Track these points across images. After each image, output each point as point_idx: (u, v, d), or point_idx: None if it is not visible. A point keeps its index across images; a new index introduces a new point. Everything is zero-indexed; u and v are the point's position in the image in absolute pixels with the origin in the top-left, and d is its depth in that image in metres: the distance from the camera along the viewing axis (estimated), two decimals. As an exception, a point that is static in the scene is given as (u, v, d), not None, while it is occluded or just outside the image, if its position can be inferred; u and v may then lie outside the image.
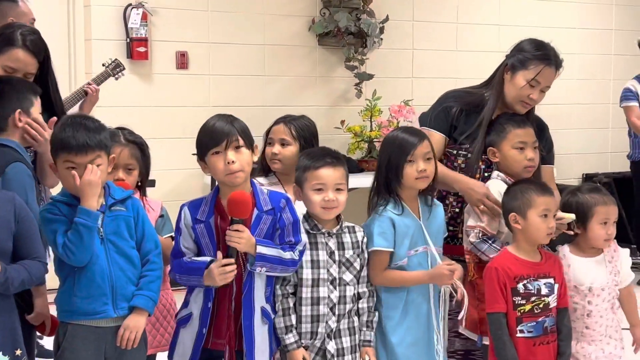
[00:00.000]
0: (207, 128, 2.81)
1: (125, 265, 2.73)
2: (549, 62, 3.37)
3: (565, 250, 3.20)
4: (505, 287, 3.00)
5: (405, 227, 3.01)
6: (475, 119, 3.38)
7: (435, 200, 3.15)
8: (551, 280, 3.06)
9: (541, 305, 3.02)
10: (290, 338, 2.83)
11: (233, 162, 2.73)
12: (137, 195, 3.07)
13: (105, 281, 2.68)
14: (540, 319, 3.02)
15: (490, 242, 3.18)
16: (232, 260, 2.69)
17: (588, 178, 6.97)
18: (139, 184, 3.10)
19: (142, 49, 5.43)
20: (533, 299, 3.01)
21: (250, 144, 2.82)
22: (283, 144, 3.25)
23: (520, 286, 3.01)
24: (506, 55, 3.45)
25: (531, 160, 3.25)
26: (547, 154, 3.46)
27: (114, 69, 4.53)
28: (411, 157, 2.99)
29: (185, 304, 2.83)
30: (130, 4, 5.42)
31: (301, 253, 2.80)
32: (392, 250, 2.99)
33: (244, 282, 2.76)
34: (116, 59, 4.59)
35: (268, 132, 3.33)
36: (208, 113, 5.59)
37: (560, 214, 3.11)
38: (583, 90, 7.25)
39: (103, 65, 4.56)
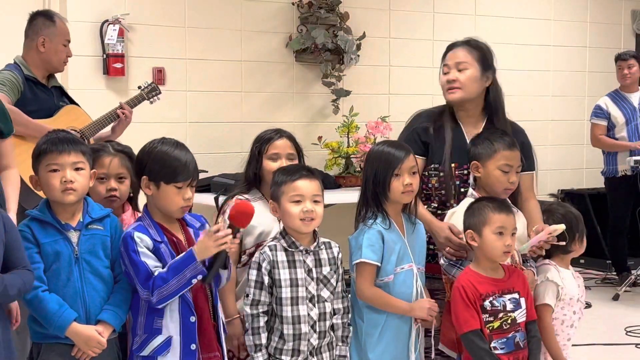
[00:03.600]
0: (172, 157, 2.76)
1: (98, 285, 2.71)
2: (452, 47, 3.44)
3: (551, 263, 3.24)
4: (475, 304, 2.97)
5: (392, 243, 3.01)
6: (442, 137, 3.36)
7: (416, 218, 3.15)
8: (516, 296, 3.05)
9: (509, 321, 3.02)
10: (259, 357, 2.83)
11: (189, 199, 2.77)
12: (128, 209, 3.07)
13: (77, 302, 2.67)
14: (510, 335, 3.02)
15: (458, 265, 3.15)
16: (223, 226, 2.69)
17: (564, 193, 7.03)
18: (131, 195, 3.09)
19: (118, 65, 5.41)
20: (500, 315, 3.01)
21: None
22: (290, 158, 3.23)
23: (487, 303, 2.99)
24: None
25: (512, 183, 3.24)
26: (525, 161, 3.38)
27: (149, 93, 4.51)
28: (398, 171, 3.00)
29: (155, 331, 2.72)
30: (106, 20, 5.41)
31: None
32: (379, 264, 2.98)
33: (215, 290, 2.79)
34: (153, 83, 4.57)
35: (260, 145, 3.24)
36: (185, 129, 5.67)
37: (553, 226, 3.12)
38: (558, 106, 7.33)
39: (139, 87, 4.55)
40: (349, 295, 3.05)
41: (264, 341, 2.83)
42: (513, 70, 6.59)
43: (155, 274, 2.68)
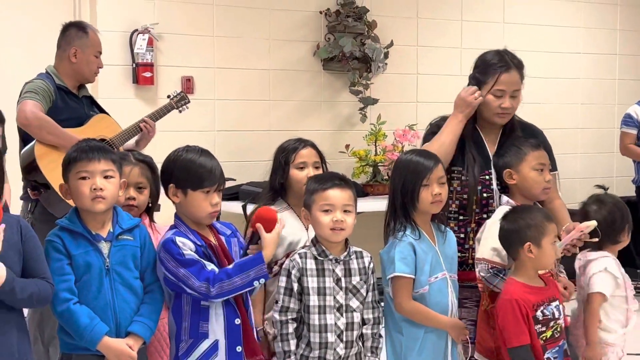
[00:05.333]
0: (197, 164, 2.79)
1: (129, 296, 2.72)
2: (505, 67, 3.32)
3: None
4: (528, 317, 2.93)
5: (423, 253, 2.99)
6: (462, 143, 3.35)
7: (446, 227, 3.14)
8: (557, 302, 3.04)
9: (559, 329, 3.00)
10: None
11: (217, 204, 2.80)
12: (145, 219, 3.08)
13: (108, 313, 2.67)
14: (560, 343, 3.00)
15: (501, 275, 3.11)
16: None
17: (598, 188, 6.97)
18: (149, 205, 3.11)
19: (147, 74, 5.46)
20: (551, 324, 2.98)
21: None
22: (316, 166, 3.24)
23: (539, 313, 2.96)
24: (469, 77, 3.45)
25: (549, 182, 3.24)
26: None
27: (179, 102, 4.54)
28: (426, 181, 2.99)
29: (202, 335, 2.73)
30: (136, 30, 5.45)
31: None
32: (414, 277, 2.96)
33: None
34: (182, 92, 4.60)
35: (286, 155, 3.26)
36: (214, 137, 5.70)
37: (584, 223, 3.10)
38: (588, 115, 7.26)
39: (168, 97, 4.58)
40: (383, 306, 3.04)
41: (292, 348, 2.83)
42: (542, 77, 6.54)
43: (209, 268, 2.70)
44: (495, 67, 3.32)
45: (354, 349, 2.89)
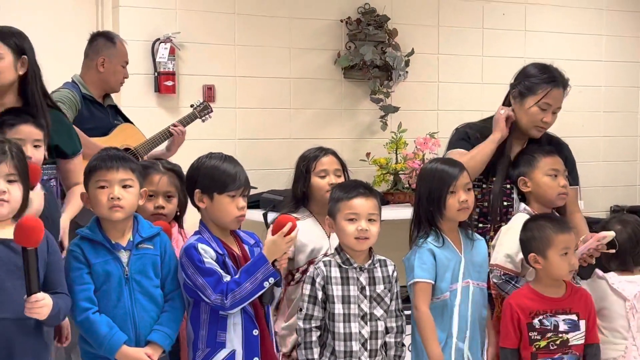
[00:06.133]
0: (221, 169, 2.82)
1: (148, 305, 2.72)
2: (556, 83, 3.37)
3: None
4: (519, 322, 2.97)
5: (446, 260, 2.99)
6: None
7: (476, 234, 3.14)
8: (573, 317, 3.01)
9: (557, 342, 2.98)
10: None
11: (243, 207, 2.80)
12: (174, 227, 3.10)
13: (128, 323, 2.68)
14: (556, 356, 2.99)
15: (513, 282, 3.13)
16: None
17: (616, 211, 6.91)
18: (178, 213, 3.12)
19: (169, 83, 5.48)
20: (549, 335, 2.98)
21: None
22: (337, 174, 3.26)
23: (536, 322, 2.98)
24: (510, 84, 3.46)
25: (564, 187, 3.23)
26: (569, 174, 3.40)
27: (202, 111, 4.58)
28: (453, 188, 2.99)
29: (219, 345, 2.73)
30: (158, 39, 5.49)
31: None
32: (433, 282, 2.96)
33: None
34: (205, 101, 4.64)
35: (307, 163, 3.28)
36: (235, 145, 5.71)
37: (602, 233, 3.09)
38: (610, 122, 7.21)
39: (191, 106, 4.61)
40: (407, 314, 3.04)
41: (316, 356, 2.83)
42: (563, 85, 6.51)
43: (224, 280, 2.69)
44: (547, 81, 3.36)
45: (378, 357, 2.89)
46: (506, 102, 3.46)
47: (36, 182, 2.76)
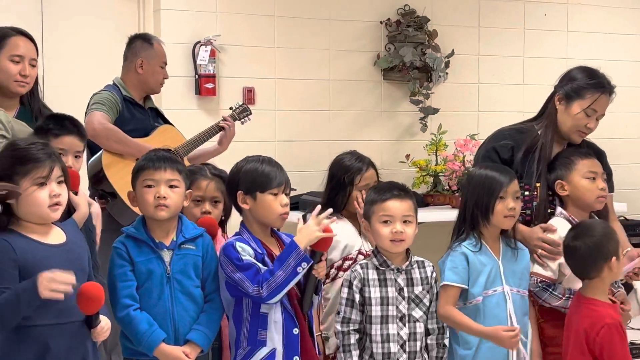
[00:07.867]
0: (261, 169, 2.84)
1: (188, 304, 2.76)
2: (604, 90, 3.31)
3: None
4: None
5: (480, 265, 2.97)
6: (531, 157, 3.30)
7: (519, 243, 3.10)
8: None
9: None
10: None
11: (286, 204, 2.82)
12: (219, 231, 3.13)
13: (167, 321, 2.71)
14: None
15: (550, 289, 3.10)
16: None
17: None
18: (223, 218, 3.16)
19: (210, 85, 5.53)
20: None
21: None
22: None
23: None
24: (555, 86, 3.41)
25: (603, 189, 3.18)
26: (607, 182, 3.33)
27: (240, 114, 4.62)
28: (503, 193, 2.97)
29: (259, 343, 2.75)
30: (199, 41, 5.53)
31: None
32: (462, 286, 2.95)
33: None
34: (244, 104, 4.68)
35: (351, 176, 3.31)
36: (274, 147, 5.73)
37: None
38: (654, 123, 7.11)
39: (230, 108, 4.66)
40: None
41: (355, 359, 2.83)
42: (606, 86, 6.42)
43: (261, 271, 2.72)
44: (596, 86, 3.30)
45: (418, 359, 2.88)
46: (549, 105, 3.40)
47: (77, 188, 2.81)
